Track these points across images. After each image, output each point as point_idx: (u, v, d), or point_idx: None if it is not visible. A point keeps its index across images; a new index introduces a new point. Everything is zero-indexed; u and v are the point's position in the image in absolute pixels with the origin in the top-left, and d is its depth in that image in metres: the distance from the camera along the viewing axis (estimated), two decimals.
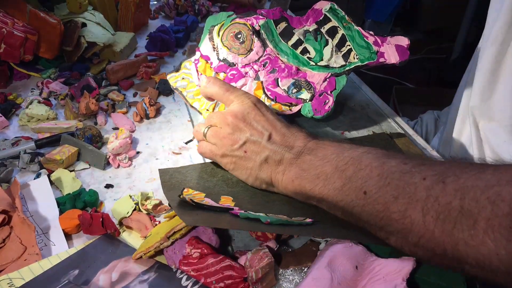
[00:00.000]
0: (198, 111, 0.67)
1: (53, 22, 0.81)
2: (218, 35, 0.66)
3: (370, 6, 2.37)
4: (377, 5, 2.35)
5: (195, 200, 0.47)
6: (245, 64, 0.65)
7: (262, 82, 0.65)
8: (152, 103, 0.72)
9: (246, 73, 0.64)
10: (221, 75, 0.63)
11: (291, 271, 0.45)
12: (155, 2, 1.24)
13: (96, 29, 0.88)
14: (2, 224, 0.50)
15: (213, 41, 0.67)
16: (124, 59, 0.88)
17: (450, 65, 2.33)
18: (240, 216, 0.45)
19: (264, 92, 0.65)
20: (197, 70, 0.68)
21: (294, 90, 0.65)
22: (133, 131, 0.70)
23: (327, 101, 0.63)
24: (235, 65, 0.64)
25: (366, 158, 0.42)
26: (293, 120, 0.69)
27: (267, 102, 0.65)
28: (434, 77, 2.39)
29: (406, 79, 2.24)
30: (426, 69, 2.47)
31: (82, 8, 0.88)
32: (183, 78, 0.68)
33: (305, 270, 0.45)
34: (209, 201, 0.50)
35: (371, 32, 0.63)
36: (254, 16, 0.67)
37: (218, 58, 0.65)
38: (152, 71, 0.85)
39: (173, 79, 0.68)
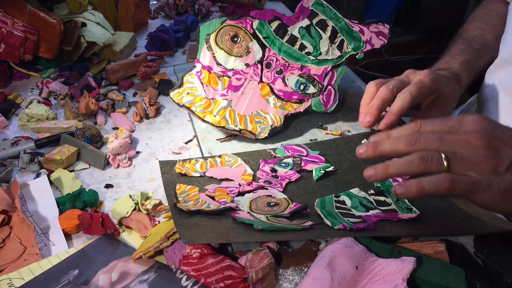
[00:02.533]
0: (211, 125, 0.64)
1: (53, 22, 0.81)
2: (216, 42, 0.67)
3: (370, 6, 2.37)
4: (377, 5, 2.35)
5: (191, 208, 0.48)
6: (247, 66, 0.66)
7: (268, 84, 0.67)
8: (152, 103, 0.72)
9: (250, 75, 0.65)
10: (226, 79, 0.65)
11: (291, 271, 0.45)
12: (155, 2, 1.24)
13: (96, 29, 0.88)
14: (2, 224, 0.50)
15: (212, 50, 0.67)
16: (124, 59, 0.88)
17: None
18: (238, 220, 0.46)
19: (274, 93, 0.66)
20: (201, 82, 0.66)
21: (302, 87, 0.67)
22: (133, 131, 0.70)
23: (332, 93, 0.67)
24: (236, 70, 0.66)
25: None
26: (296, 118, 0.70)
27: (278, 103, 0.66)
28: None
29: None
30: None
31: (82, 8, 0.88)
32: (188, 93, 0.66)
33: (305, 270, 0.45)
34: (204, 199, 0.51)
35: (356, 22, 0.68)
36: (247, 18, 0.68)
37: (218, 63, 0.66)
38: (152, 71, 0.85)
39: (178, 96, 0.66)
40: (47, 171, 0.60)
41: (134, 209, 0.53)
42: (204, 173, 0.58)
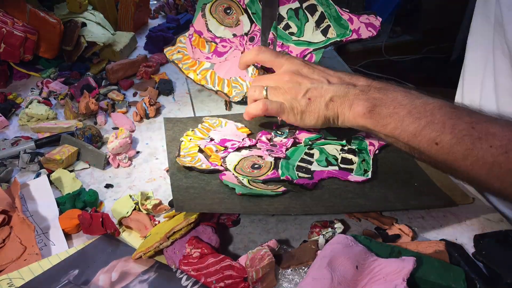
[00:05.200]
0: (193, 81, 0.74)
1: (53, 22, 0.81)
2: (210, 11, 0.74)
3: (370, 6, 2.38)
4: (377, 5, 2.36)
5: (186, 164, 0.54)
6: (234, 36, 0.74)
7: None
8: (152, 103, 0.72)
9: (235, 44, 0.73)
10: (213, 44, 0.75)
11: (291, 271, 0.45)
12: (155, 2, 1.24)
13: (96, 28, 0.88)
14: (2, 224, 0.50)
15: (205, 18, 0.74)
16: (124, 59, 0.88)
17: (450, 65, 2.33)
18: (223, 182, 0.51)
19: (253, 64, 0.72)
20: (191, 44, 0.75)
21: None
22: (133, 131, 0.70)
23: None
24: (224, 38, 0.74)
25: (439, 113, 0.47)
26: None
27: (256, 73, 0.73)
28: (434, 77, 2.39)
29: (406, 79, 2.24)
30: (426, 69, 2.47)
31: (82, 8, 0.88)
32: (178, 52, 0.75)
33: (305, 270, 0.45)
34: (200, 158, 0.56)
35: (346, 10, 0.71)
36: None
37: (209, 30, 0.74)
38: (152, 71, 0.85)
39: (170, 53, 0.76)
40: (47, 171, 0.60)
41: (134, 209, 0.53)
42: (211, 139, 0.62)
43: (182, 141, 0.60)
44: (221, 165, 0.56)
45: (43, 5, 0.87)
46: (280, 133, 0.63)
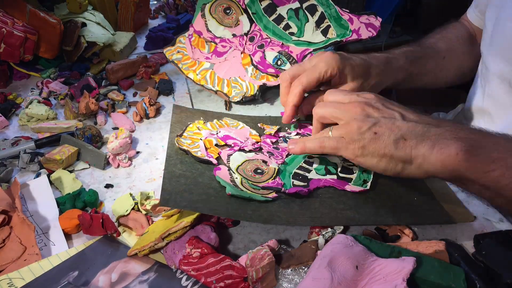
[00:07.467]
0: (193, 81, 0.74)
1: (53, 22, 0.81)
2: (209, 12, 0.75)
3: (370, 6, 2.37)
4: (377, 5, 2.35)
5: (183, 147, 0.54)
6: (234, 36, 0.75)
7: (250, 55, 0.74)
8: (152, 103, 0.72)
9: (235, 44, 0.74)
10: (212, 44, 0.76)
11: (291, 271, 0.45)
12: (155, 2, 1.24)
13: (96, 29, 0.88)
14: (2, 224, 0.50)
15: (205, 18, 0.75)
16: (124, 59, 0.88)
17: None
18: (216, 178, 0.51)
19: (253, 64, 0.73)
20: (191, 44, 0.77)
21: (279, 62, 0.72)
22: (133, 131, 0.70)
23: None
24: (224, 38, 0.75)
25: None
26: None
27: (256, 73, 0.73)
28: None
29: None
30: None
31: (82, 8, 0.88)
32: (178, 52, 0.77)
33: (305, 270, 0.45)
34: (200, 145, 0.56)
35: (346, 10, 0.71)
36: None
37: (208, 30, 0.75)
38: (152, 71, 0.85)
39: (169, 53, 0.77)
40: (47, 171, 0.60)
41: (133, 209, 0.53)
42: (217, 133, 0.61)
43: (189, 123, 0.60)
44: (216, 159, 0.55)
45: (43, 5, 0.87)
46: (288, 139, 0.61)
